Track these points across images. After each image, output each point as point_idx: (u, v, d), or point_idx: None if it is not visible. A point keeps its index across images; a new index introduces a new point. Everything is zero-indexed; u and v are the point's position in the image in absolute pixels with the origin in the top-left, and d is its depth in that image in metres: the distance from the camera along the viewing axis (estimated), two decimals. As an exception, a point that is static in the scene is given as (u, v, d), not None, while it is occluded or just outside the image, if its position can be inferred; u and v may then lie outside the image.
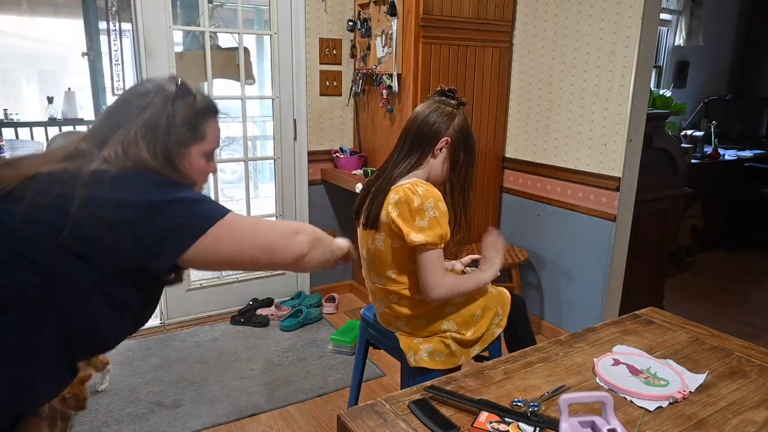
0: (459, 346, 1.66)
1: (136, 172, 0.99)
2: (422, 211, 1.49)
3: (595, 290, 2.67)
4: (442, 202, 1.54)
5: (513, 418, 1.00)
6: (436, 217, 1.50)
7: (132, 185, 0.96)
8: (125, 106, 1.08)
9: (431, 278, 1.53)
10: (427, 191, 1.52)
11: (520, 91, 2.97)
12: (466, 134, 1.62)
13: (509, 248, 2.98)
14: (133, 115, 1.04)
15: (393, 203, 1.53)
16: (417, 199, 1.50)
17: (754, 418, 1.05)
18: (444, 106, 1.62)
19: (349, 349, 2.74)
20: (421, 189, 1.52)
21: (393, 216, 1.52)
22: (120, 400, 2.32)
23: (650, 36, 2.39)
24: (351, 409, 1.04)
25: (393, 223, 1.52)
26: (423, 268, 1.53)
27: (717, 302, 3.58)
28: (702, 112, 5.02)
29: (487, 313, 1.71)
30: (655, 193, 3.03)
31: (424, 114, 1.61)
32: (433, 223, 1.50)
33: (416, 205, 1.49)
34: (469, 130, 1.64)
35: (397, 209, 1.52)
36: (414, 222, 1.50)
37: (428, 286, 1.54)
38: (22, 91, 6.14)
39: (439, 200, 1.52)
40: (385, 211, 1.55)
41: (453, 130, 1.60)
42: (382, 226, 1.56)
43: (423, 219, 1.49)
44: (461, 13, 2.72)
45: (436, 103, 1.63)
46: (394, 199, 1.53)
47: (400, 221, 1.51)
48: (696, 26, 4.73)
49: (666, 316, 1.52)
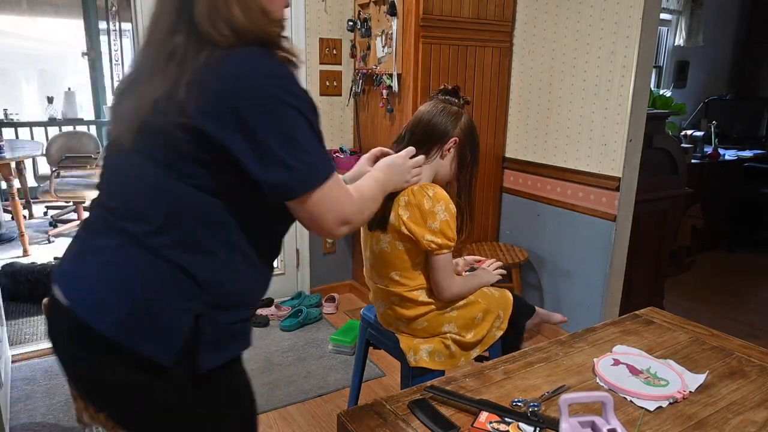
0: (459, 348, 1.66)
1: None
2: (434, 214, 1.50)
3: (595, 290, 2.67)
4: (452, 204, 1.54)
5: (513, 418, 1.00)
6: (447, 220, 1.51)
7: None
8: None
9: (445, 281, 1.57)
10: (438, 193, 1.52)
11: (520, 91, 2.97)
12: (472, 133, 1.63)
13: (509, 248, 2.99)
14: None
15: (403, 206, 1.53)
16: (428, 202, 1.50)
17: (754, 418, 1.05)
18: (449, 105, 1.62)
19: (349, 349, 2.74)
20: (431, 191, 1.52)
21: (404, 218, 1.52)
22: (120, 400, 2.32)
23: (650, 36, 2.39)
24: (351, 409, 1.04)
25: (404, 226, 1.52)
26: (436, 270, 1.56)
27: (717, 302, 3.58)
28: (702, 112, 5.02)
29: (488, 316, 1.71)
30: (655, 193, 3.03)
31: (430, 114, 1.61)
32: (445, 226, 1.51)
33: (427, 207, 1.50)
34: (475, 128, 1.65)
35: (408, 212, 1.52)
36: (426, 225, 1.51)
37: (442, 288, 1.59)
38: (22, 91, 6.14)
39: (449, 203, 1.53)
40: (394, 213, 1.54)
41: (461, 130, 1.60)
42: (390, 228, 1.56)
43: (435, 221, 1.50)
44: (461, 13, 2.72)
45: (441, 102, 1.63)
46: (404, 201, 1.53)
47: (412, 224, 1.51)
48: (696, 26, 4.73)
49: (666, 316, 1.52)
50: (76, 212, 4.74)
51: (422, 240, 1.51)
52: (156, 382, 0.93)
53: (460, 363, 1.67)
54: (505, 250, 2.96)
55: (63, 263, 0.99)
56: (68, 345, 0.96)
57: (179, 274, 0.92)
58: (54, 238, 4.50)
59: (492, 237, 3.17)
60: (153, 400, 0.94)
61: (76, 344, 0.94)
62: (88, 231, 1.00)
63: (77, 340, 0.93)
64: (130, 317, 0.90)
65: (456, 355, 1.66)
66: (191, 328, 0.93)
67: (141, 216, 0.92)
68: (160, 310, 0.91)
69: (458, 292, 1.63)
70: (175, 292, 0.92)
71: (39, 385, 2.41)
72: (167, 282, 0.92)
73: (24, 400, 2.30)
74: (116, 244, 0.93)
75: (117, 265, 0.93)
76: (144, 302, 0.91)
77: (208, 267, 0.94)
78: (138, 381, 0.92)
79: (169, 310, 0.92)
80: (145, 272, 0.92)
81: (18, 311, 3.14)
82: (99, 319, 0.90)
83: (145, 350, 0.90)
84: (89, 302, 0.92)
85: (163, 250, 0.91)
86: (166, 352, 0.91)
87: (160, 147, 0.91)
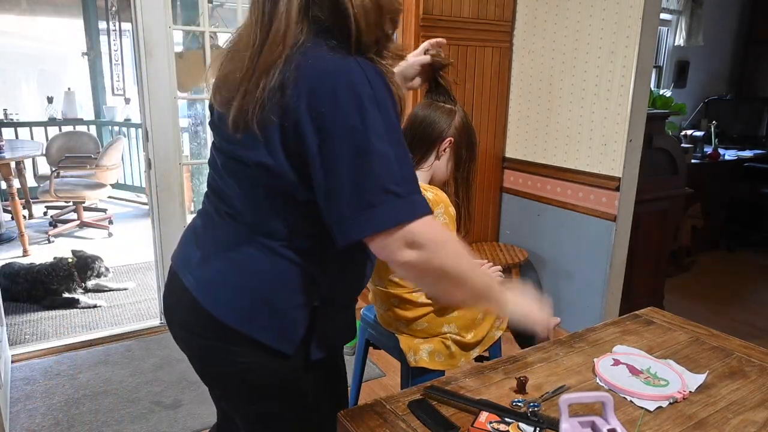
0: (459, 348, 1.66)
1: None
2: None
3: (595, 290, 2.67)
4: (451, 207, 1.53)
5: (513, 418, 1.00)
6: (446, 223, 1.50)
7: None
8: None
9: None
10: (437, 196, 1.51)
11: (520, 91, 2.97)
12: (468, 131, 1.61)
13: (509, 248, 2.98)
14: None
15: None
16: None
17: (754, 418, 1.05)
18: (442, 105, 1.60)
19: (349, 349, 2.74)
20: (431, 194, 1.50)
21: None
22: (120, 400, 2.32)
23: (650, 36, 2.39)
24: (351, 409, 1.04)
25: None
26: None
27: (717, 302, 3.58)
28: (702, 112, 5.02)
29: (489, 316, 1.71)
30: (655, 193, 3.03)
31: (423, 115, 1.60)
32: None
33: None
34: (470, 125, 1.62)
35: None
36: None
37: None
38: (22, 91, 6.14)
39: (448, 205, 1.52)
40: None
41: (455, 129, 1.58)
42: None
43: None
44: (461, 13, 2.72)
45: (433, 101, 1.61)
46: None
47: None
48: (696, 26, 4.73)
49: (666, 316, 1.52)
50: (76, 212, 4.74)
51: None
52: (278, 363, 1.02)
53: (460, 363, 1.67)
54: (505, 250, 2.96)
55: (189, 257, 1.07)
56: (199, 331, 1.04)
57: (298, 270, 0.98)
58: (54, 238, 4.50)
59: (492, 237, 3.17)
60: (273, 379, 1.03)
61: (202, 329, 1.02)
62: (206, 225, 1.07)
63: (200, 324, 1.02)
64: (252, 310, 0.98)
65: (456, 355, 1.66)
66: (308, 320, 1.01)
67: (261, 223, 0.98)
68: (283, 305, 0.99)
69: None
70: (295, 288, 0.99)
71: (39, 385, 2.41)
72: (288, 279, 0.99)
73: (24, 400, 2.30)
74: (239, 241, 0.99)
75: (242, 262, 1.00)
76: (267, 297, 0.99)
77: (320, 265, 1.00)
78: (262, 362, 1.01)
79: (290, 305, 1.00)
80: (269, 271, 0.98)
81: (18, 311, 3.14)
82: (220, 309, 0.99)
83: (267, 340, 0.98)
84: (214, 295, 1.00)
85: (281, 249, 0.97)
86: (288, 342, 1.00)
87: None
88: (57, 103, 5.64)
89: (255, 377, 1.02)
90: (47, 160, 5.00)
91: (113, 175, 4.84)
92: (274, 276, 0.98)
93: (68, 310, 3.19)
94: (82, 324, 3.01)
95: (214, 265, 1.00)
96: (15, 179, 4.13)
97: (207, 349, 1.02)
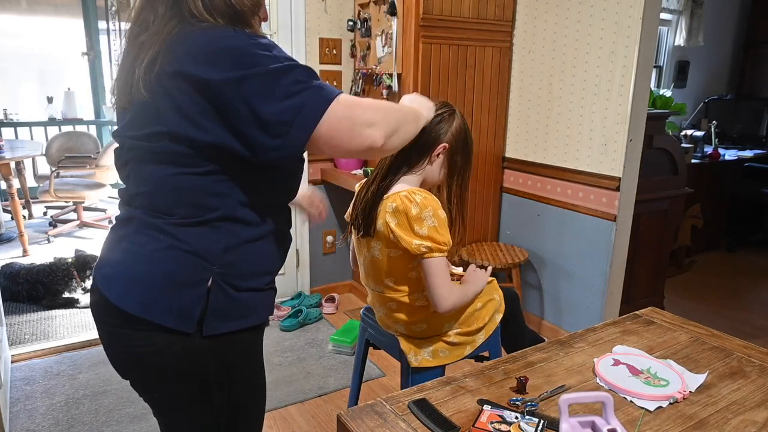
0: (463, 337, 1.66)
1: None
2: (421, 220, 1.45)
3: (595, 290, 2.67)
4: (441, 210, 1.50)
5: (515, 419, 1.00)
6: (435, 226, 1.47)
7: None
8: None
9: (440, 289, 1.50)
10: (425, 199, 1.48)
11: (520, 91, 2.97)
12: (464, 138, 1.58)
13: (509, 248, 2.98)
14: None
15: (390, 212, 1.49)
16: (415, 208, 1.46)
17: (755, 418, 1.05)
18: (440, 109, 1.56)
19: (349, 349, 2.74)
20: (419, 197, 1.47)
21: (392, 226, 1.49)
22: (120, 400, 2.32)
23: (650, 36, 2.39)
24: (351, 409, 1.04)
25: (392, 233, 1.49)
26: (429, 277, 1.49)
27: (717, 302, 3.58)
28: (702, 112, 5.02)
29: (488, 304, 1.71)
30: (655, 193, 3.03)
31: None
32: (433, 231, 1.46)
33: (414, 213, 1.45)
34: (467, 132, 1.59)
35: (395, 218, 1.48)
36: (413, 230, 1.46)
37: (438, 298, 1.50)
38: (22, 91, 6.14)
39: (438, 208, 1.48)
40: (381, 219, 1.52)
41: (451, 135, 1.55)
42: (378, 235, 1.54)
43: (422, 227, 1.46)
44: (461, 13, 2.72)
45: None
46: (391, 207, 1.49)
47: (399, 230, 1.47)
48: (696, 26, 4.73)
49: (666, 316, 1.52)
50: (76, 212, 4.74)
51: (411, 246, 1.45)
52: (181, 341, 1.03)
53: (466, 352, 1.67)
54: (505, 250, 2.96)
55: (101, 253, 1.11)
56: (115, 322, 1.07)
57: (188, 249, 1.00)
58: (53, 238, 4.50)
59: (492, 237, 3.17)
60: (178, 358, 1.04)
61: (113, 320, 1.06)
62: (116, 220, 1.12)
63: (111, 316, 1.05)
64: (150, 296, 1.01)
65: (461, 343, 1.66)
66: (205, 297, 1.01)
67: (154, 201, 1.02)
68: (178, 285, 1.01)
69: (457, 302, 1.56)
70: (187, 267, 1.01)
71: (38, 385, 2.41)
72: (179, 259, 1.00)
73: (23, 401, 2.30)
74: (134, 230, 1.03)
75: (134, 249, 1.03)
76: (163, 279, 1.01)
77: (214, 239, 1.02)
78: (166, 341, 1.02)
79: (184, 284, 1.01)
80: (160, 252, 1.00)
81: (17, 311, 3.14)
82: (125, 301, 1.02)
83: (166, 322, 1.00)
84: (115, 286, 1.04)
85: (171, 228, 1.00)
86: (186, 321, 1.01)
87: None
88: (57, 103, 5.64)
89: (160, 359, 1.04)
90: (47, 160, 5.00)
91: (113, 175, 4.83)
92: (168, 257, 1.00)
93: (68, 310, 3.19)
94: (82, 324, 3.01)
95: (113, 259, 1.06)
96: (15, 179, 4.13)
97: (115, 336, 1.07)
